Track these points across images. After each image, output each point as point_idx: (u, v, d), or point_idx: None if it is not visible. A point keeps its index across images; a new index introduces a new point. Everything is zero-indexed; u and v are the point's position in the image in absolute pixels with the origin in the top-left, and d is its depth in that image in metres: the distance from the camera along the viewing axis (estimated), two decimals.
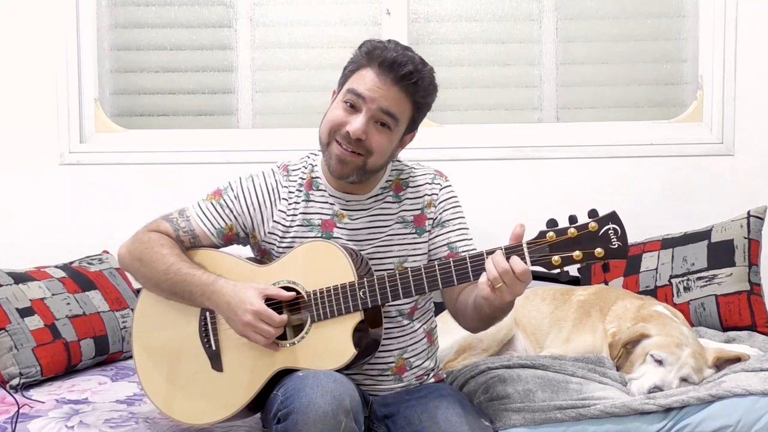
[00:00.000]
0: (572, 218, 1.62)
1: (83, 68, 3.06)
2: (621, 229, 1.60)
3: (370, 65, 1.81)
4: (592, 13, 3.11)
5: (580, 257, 1.60)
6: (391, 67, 1.78)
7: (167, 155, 3.05)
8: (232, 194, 1.94)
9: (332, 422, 1.57)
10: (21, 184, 3.05)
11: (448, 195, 1.96)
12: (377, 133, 1.81)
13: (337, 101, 1.85)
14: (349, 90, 1.82)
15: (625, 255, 1.60)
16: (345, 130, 1.80)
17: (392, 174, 1.96)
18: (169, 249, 1.87)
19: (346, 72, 1.87)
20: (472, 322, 1.86)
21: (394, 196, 1.94)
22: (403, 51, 1.81)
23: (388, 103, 1.80)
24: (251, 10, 3.13)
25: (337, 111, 1.83)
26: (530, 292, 2.57)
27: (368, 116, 1.79)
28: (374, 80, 1.79)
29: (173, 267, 1.83)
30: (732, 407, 1.89)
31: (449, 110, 3.13)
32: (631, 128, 3.06)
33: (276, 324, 1.72)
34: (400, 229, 1.91)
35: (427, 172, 1.98)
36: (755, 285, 2.51)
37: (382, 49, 1.80)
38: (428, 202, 1.94)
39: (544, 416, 1.92)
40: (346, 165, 1.83)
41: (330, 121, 1.84)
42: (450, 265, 1.69)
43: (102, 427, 1.95)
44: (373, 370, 1.90)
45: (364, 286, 1.73)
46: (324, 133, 1.85)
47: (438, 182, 1.97)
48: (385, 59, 1.79)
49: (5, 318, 2.30)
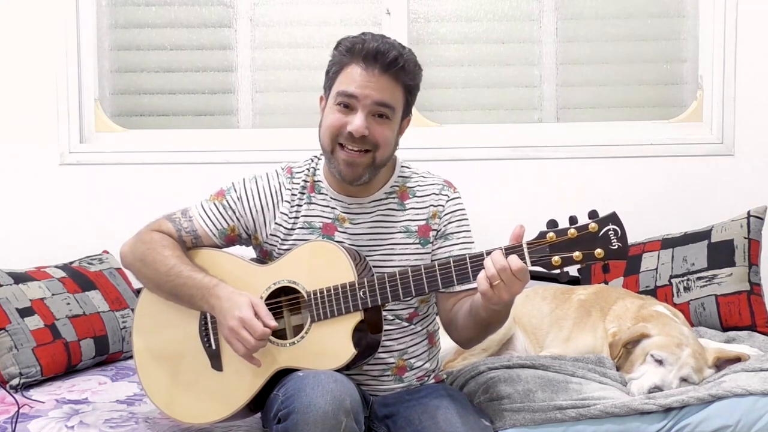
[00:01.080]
0: (572, 219, 1.62)
1: (83, 68, 3.06)
2: (621, 230, 1.60)
3: (353, 61, 1.80)
4: (592, 13, 3.11)
5: (580, 258, 1.60)
6: (376, 58, 1.78)
7: (167, 155, 3.04)
8: (234, 195, 1.93)
9: (332, 422, 1.57)
10: (21, 184, 3.05)
11: (454, 207, 1.94)
12: (378, 126, 1.81)
13: (329, 106, 1.84)
14: (339, 92, 1.81)
15: (625, 256, 1.60)
16: (347, 131, 1.80)
17: (398, 180, 1.94)
18: (171, 251, 1.87)
19: (331, 74, 1.85)
20: (464, 331, 1.84)
21: (398, 204, 1.92)
22: (381, 39, 1.81)
23: (380, 94, 1.80)
24: (251, 10, 3.13)
25: (332, 115, 1.82)
26: (530, 291, 2.57)
27: (365, 112, 1.79)
28: (362, 75, 1.79)
29: (174, 269, 1.83)
30: (732, 407, 1.89)
31: (449, 110, 3.14)
32: (631, 128, 3.06)
33: (258, 335, 1.70)
34: (403, 239, 1.90)
35: (435, 182, 1.96)
36: (755, 285, 2.51)
37: (361, 42, 1.80)
38: (433, 213, 1.92)
39: (544, 416, 1.92)
40: (356, 167, 1.82)
41: (329, 127, 1.83)
42: (450, 265, 1.69)
43: (102, 427, 1.95)
44: (374, 370, 1.90)
45: (365, 286, 1.73)
46: (326, 140, 1.84)
47: (445, 193, 1.94)
48: (367, 51, 1.78)
49: (5, 318, 2.30)
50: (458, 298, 1.87)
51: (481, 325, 1.78)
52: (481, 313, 1.72)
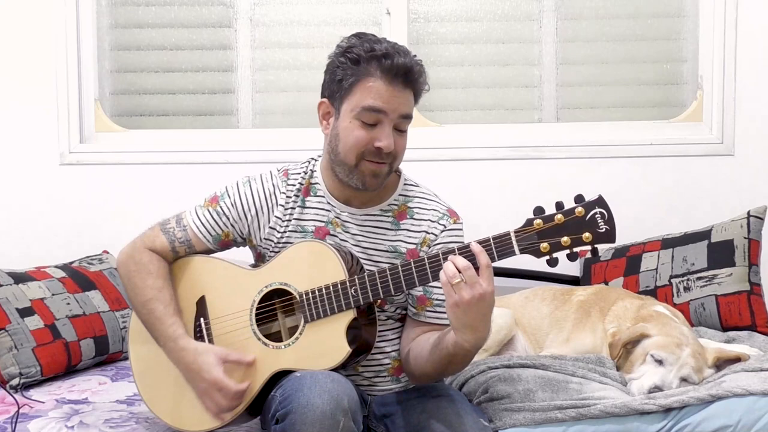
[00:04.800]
0: (559, 204, 1.62)
1: (83, 68, 3.06)
2: (608, 213, 1.60)
3: (375, 75, 1.75)
4: (592, 13, 3.11)
5: (568, 243, 1.60)
6: (406, 75, 1.76)
7: (167, 155, 3.04)
8: (229, 201, 1.90)
9: (330, 422, 1.57)
10: (21, 184, 3.05)
11: (448, 239, 1.87)
12: (400, 139, 1.81)
13: (349, 119, 1.77)
14: (365, 108, 1.75)
15: (613, 239, 1.60)
16: (375, 147, 1.77)
17: (398, 198, 1.91)
18: (154, 279, 1.85)
19: (345, 86, 1.77)
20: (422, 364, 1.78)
21: (393, 223, 1.89)
22: (404, 51, 1.78)
23: (406, 108, 1.79)
24: (251, 10, 3.13)
25: (357, 131, 1.77)
26: (530, 292, 2.57)
27: (392, 126, 1.78)
28: (388, 90, 1.75)
29: (149, 304, 1.83)
30: (732, 407, 1.89)
31: (449, 110, 3.14)
32: (631, 128, 3.06)
33: (231, 396, 1.71)
34: (390, 258, 1.87)
35: (436, 209, 1.90)
36: (755, 285, 2.51)
37: (384, 56, 1.74)
38: (425, 239, 1.88)
39: (544, 416, 1.92)
40: (379, 176, 1.81)
41: (355, 144, 1.77)
42: (439, 258, 1.67)
43: (102, 427, 1.95)
44: (371, 370, 1.90)
45: (356, 284, 1.72)
46: (350, 156, 1.79)
47: (443, 223, 1.89)
48: (396, 67, 1.74)
49: (5, 318, 2.30)
50: (422, 330, 1.85)
51: (442, 360, 1.73)
52: (449, 347, 1.69)
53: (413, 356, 1.83)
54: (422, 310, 1.86)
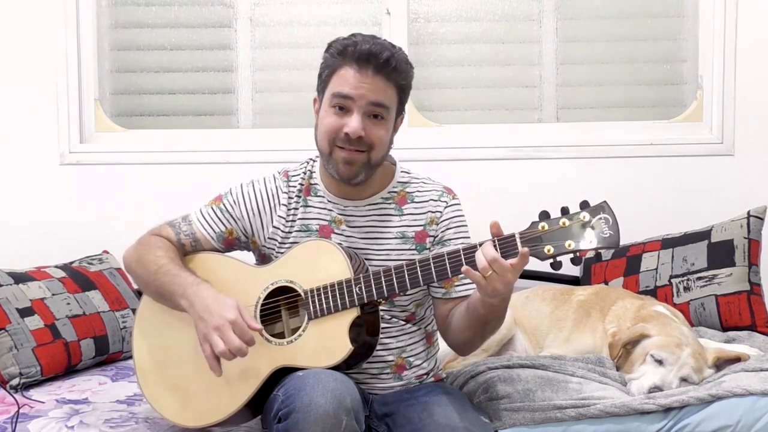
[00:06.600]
0: (564, 209, 1.64)
1: (83, 68, 3.06)
2: (612, 219, 1.61)
3: (346, 63, 1.81)
4: (592, 13, 3.11)
5: (571, 247, 1.61)
6: (369, 59, 1.79)
7: (167, 155, 3.04)
8: (231, 199, 1.96)
9: (333, 421, 1.57)
10: (21, 184, 3.05)
11: (452, 214, 1.94)
12: (374, 127, 1.82)
13: (324, 108, 1.86)
14: (334, 94, 1.82)
15: (617, 244, 1.61)
16: (343, 132, 1.81)
17: (396, 186, 1.95)
18: (164, 251, 1.89)
19: (324, 77, 1.86)
20: (461, 333, 1.85)
21: (396, 209, 1.93)
22: (373, 40, 1.82)
23: (375, 95, 1.81)
24: (251, 10, 3.13)
25: (329, 118, 1.83)
26: (530, 292, 2.57)
27: (361, 113, 1.80)
28: (356, 77, 1.80)
29: (163, 268, 1.85)
30: (732, 407, 1.90)
31: (449, 110, 3.14)
32: (631, 128, 3.06)
33: (246, 338, 1.70)
34: (399, 244, 1.90)
35: (434, 188, 1.96)
36: (755, 285, 2.51)
37: (353, 44, 1.81)
38: (431, 219, 1.92)
39: (544, 416, 1.92)
40: (354, 165, 1.83)
41: (326, 130, 1.84)
42: (444, 257, 1.70)
43: (102, 427, 1.95)
44: (373, 368, 1.90)
45: (360, 282, 1.74)
46: (323, 143, 1.86)
47: (444, 200, 1.94)
48: (360, 53, 1.79)
49: (5, 318, 2.30)
50: (455, 303, 1.88)
51: (478, 323, 1.79)
52: (480, 309, 1.73)
53: (452, 331, 1.88)
54: (451, 288, 1.89)
